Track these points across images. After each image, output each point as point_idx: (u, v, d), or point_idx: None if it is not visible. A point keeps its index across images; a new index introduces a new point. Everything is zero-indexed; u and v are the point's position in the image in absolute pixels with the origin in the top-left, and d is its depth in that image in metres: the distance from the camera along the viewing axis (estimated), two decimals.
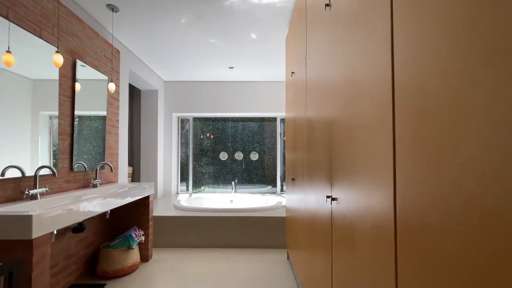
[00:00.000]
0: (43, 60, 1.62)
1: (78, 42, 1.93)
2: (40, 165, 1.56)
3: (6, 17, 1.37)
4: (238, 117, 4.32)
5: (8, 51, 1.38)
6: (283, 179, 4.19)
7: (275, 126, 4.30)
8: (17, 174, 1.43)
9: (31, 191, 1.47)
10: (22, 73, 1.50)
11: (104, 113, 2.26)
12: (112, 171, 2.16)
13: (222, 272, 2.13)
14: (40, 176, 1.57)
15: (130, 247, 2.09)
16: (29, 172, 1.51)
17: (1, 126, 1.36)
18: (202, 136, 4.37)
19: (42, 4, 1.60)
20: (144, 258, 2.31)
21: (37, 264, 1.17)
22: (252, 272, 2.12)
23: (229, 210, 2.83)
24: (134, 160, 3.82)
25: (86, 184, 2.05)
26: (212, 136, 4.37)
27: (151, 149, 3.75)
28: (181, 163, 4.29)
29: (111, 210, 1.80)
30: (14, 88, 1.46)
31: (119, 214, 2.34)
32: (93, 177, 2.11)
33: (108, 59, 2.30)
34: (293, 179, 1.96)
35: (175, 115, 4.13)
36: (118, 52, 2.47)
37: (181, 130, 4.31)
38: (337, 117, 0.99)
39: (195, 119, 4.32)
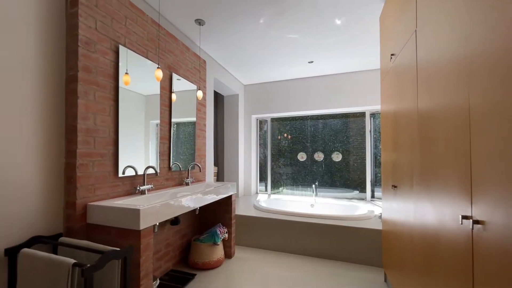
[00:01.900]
0: (151, 78, 1.90)
1: (174, 57, 2.20)
2: (146, 165, 1.83)
3: (124, 45, 1.67)
4: (318, 115, 4.03)
5: (126, 73, 1.68)
6: (374, 184, 3.62)
7: (363, 122, 3.76)
8: (132, 173, 1.72)
9: (141, 187, 1.74)
10: (137, 91, 1.80)
11: (193, 118, 2.51)
12: (200, 171, 2.36)
13: (306, 283, 1.96)
14: (148, 174, 1.85)
15: (215, 243, 2.22)
16: (140, 171, 1.79)
17: (124, 134, 1.67)
18: (279, 137, 4.33)
19: (148, 30, 1.89)
20: (228, 254, 2.42)
21: (144, 251, 1.34)
22: None
23: (310, 216, 2.63)
24: (218, 160, 4.16)
25: (180, 182, 2.30)
26: (289, 136, 4.26)
27: (232, 150, 3.99)
28: (259, 163, 4.38)
29: (200, 207, 1.95)
30: (133, 103, 1.76)
31: (206, 211, 2.53)
32: (186, 176, 2.36)
33: (196, 70, 2.55)
34: (394, 186, 1.58)
35: (254, 117, 4.26)
36: (204, 62, 2.70)
37: (259, 131, 4.41)
38: (489, 104, 0.66)
39: (272, 119, 4.32)
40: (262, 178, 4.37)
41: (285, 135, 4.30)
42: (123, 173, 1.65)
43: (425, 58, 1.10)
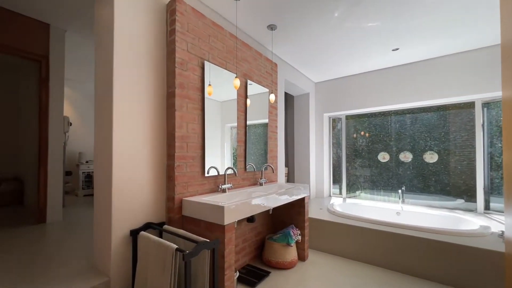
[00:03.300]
0: (226, 86, 2.09)
1: (248, 65, 2.34)
2: (226, 167, 2.03)
3: (208, 60, 1.89)
4: (405, 109, 3.48)
5: (209, 85, 1.90)
6: (489, 192, 2.86)
7: (471, 114, 3.01)
8: (215, 173, 1.94)
9: (222, 186, 1.94)
10: (215, 98, 2.01)
11: (264, 120, 2.60)
12: (273, 172, 2.43)
13: None
14: (227, 175, 2.04)
15: (288, 244, 2.24)
16: (221, 172, 2.00)
17: (206, 138, 1.90)
18: (355, 135, 3.98)
19: (226, 43, 2.07)
20: (301, 257, 2.40)
21: (227, 244, 1.49)
22: None
23: (396, 225, 2.32)
24: (288, 161, 4.17)
25: (255, 183, 2.44)
26: (368, 134, 3.86)
27: (303, 151, 3.92)
28: (333, 164, 4.14)
29: (273, 207, 2.02)
30: (212, 110, 1.99)
31: (279, 211, 2.59)
32: (259, 176, 2.48)
33: (268, 74, 2.63)
34: None
35: (326, 115, 4.06)
36: (276, 65, 2.76)
37: (332, 130, 4.17)
38: None
39: (347, 117, 4.01)
40: (336, 180, 4.13)
41: (362, 133, 3.91)
42: (208, 173, 1.88)
43: None
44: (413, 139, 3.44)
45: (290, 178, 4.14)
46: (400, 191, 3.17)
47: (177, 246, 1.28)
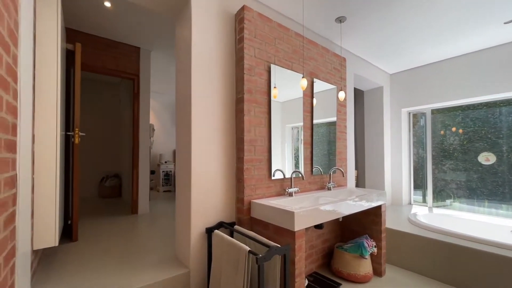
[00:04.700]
0: (289, 87, 2.03)
1: (315, 63, 2.23)
2: (287, 169, 1.97)
3: (274, 63, 1.88)
4: None
5: (274, 87, 1.89)
6: None
7: None
8: (280, 175, 1.91)
9: (289, 190, 1.90)
10: (277, 99, 1.98)
11: (332, 119, 2.42)
12: (344, 176, 2.24)
13: None
14: (293, 178, 1.98)
15: (362, 256, 2.02)
16: (287, 175, 1.95)
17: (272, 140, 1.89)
18: (443, 132, 3.32)
19: (292, 43, 2.02)
20: (377, 272, 2.14)
21: (298, 251, 1.44)
22: None
23: (510, 248, 1.80)
24: (358, 164, 3.81)
25: (322, 187, 2.30)
26: (461, 131, 3.16)
27: (375, 152, 3.51)
28: (413, 167, 3.56)
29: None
30: (274, 111, 1.96)
31: (349, 218, 2.37)
32: (327, 180, 2.33)
33: (336, 70, 2.45)
34: None
35: (404, 110, 3.52)
36: (344, 60, 2.54)
37: (412, 127, 3.59)
38: None
39: (433, 111, 3.37)
40: (418, 185, 3.54)
41: (454, 129, 3.23)
42: (273, 175, 1.87)
43: None
44: None
45: (359, 182, 3.77)
46: None
47: (249, 249, 1.31)
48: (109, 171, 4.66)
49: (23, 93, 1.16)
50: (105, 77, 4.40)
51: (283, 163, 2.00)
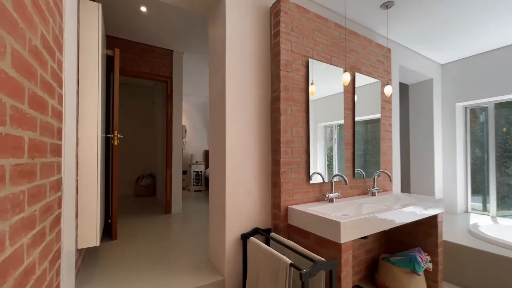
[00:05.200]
0: (325, 82, 1.84)
1: (356, 56, 2.02)
2: (319, 171, 1.79)
3: (312, 57, 1.73)
4: None
5: (312, 83, 1.74)
6: None
7: None
8: (319, 179, 1.75)
9: (330, 195, 1.73)
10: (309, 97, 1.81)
11: (376, 115, 2.18)
12: (390, 180, 2.00)
13: None
14: (335, 182, 1.81)
15: (415, 272, 1.78)
16: (324, 179, 1.79)
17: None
18: (506, 129, 2.84)
19: (331, 35, 1.85)
20: None
21: (344, 266, 1.28)
22: None
23: None
24: (402, 166, 3.45)
25: (365, 191, 2.08)
26: None
27: (424, 152, 3.13)
28: (471, 170, 3.11)
29: None
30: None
31: (396, 227, 2.12)
32: (370, 184, 2.11)
33: (380, 62, 2.20)
34: None
35: (459, 105, 3.09)
36: (389, 51, 2.29)
37: (470, 124, 3.14)
38: None
39: (496, 105, 2.90)
40: (477, 190, 3.08)
41: None
42: (311, 179, 1.72)
43: None
44: None
45: (403, 186, 3.41)
46: None
47: (291, 261, 1.19)
48: (144, 171, 4.88)
49: (68, 98, 1.18)
50: (139, 81, 4.60)
51: (320, 165, 1.83)
